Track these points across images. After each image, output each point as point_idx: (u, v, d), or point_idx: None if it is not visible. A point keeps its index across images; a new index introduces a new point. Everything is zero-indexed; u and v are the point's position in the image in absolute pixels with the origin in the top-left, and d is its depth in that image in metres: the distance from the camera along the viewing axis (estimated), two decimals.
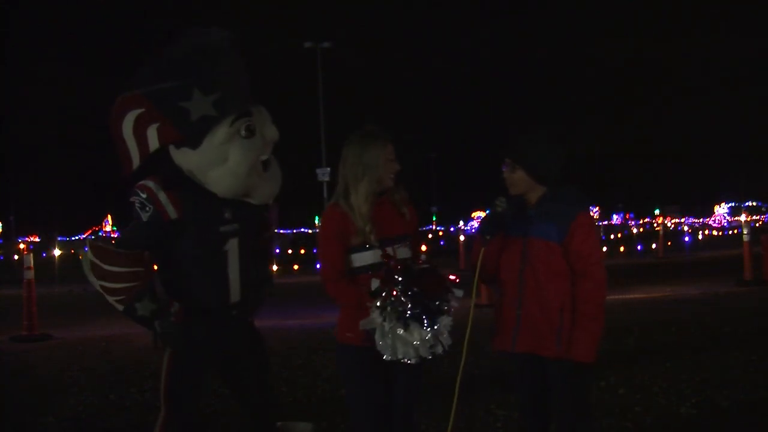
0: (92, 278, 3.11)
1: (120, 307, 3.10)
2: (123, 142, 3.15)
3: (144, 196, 3.10)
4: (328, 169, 29.68)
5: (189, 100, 3.06)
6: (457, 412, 3.19)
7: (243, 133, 3.16)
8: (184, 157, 3.20)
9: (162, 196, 3.10)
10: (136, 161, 3.17)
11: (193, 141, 3.14)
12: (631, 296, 11.43)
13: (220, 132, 3.12)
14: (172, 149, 3.23)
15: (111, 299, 3.11)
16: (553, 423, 3.26)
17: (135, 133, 3.13)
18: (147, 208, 3.08)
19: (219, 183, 3.17)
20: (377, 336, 2.94)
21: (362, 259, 3.10)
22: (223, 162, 3.15)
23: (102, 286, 3.10)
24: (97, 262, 3.08)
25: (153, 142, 3.14)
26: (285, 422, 3.54)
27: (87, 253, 3.10)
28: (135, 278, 3.08)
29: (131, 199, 3.14)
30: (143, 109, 3.10)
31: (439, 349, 2.97)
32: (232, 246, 3.23)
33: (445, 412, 2.91)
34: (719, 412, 4.93)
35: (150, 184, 3.12)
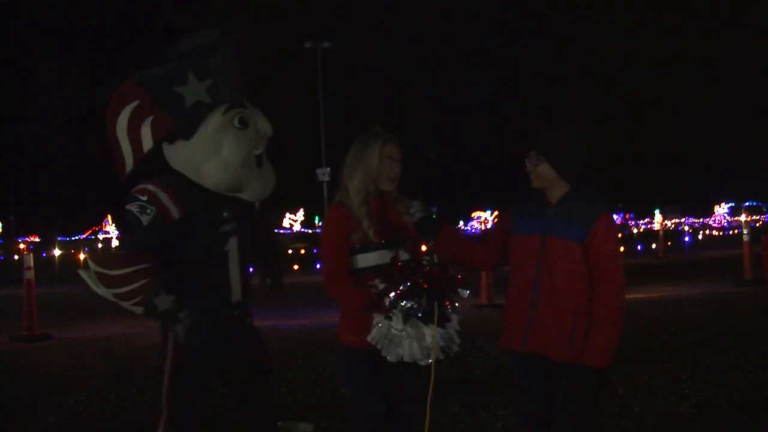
0: (102, 290, 2.95)
1: (139, 310, 2.94)
2: (117, 145, 3.11)
3: (144, 198, 3.02)
4: (328, 169, 29.65)
5: (184, 84, 3.06)
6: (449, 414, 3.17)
7: (236, 123, 3.14)
8: (177, 152, 3.16)
9: (164, 197, 3.04)
10: (129, 165, 3.11)
11: (187, 131, 3.11)
12: (631, 296, 11.42)
13: (214, 120, 3.10)
14: (165, 147, 3.19)
15: (127, 305, 2.94)
16: (553, 425, 3.20)
17: (129, 133, 3.08)
18: (148, 211, 3.00)
19: (212, 176, 3.12)
20: (383, 337, 2.88)
21: (367, 260, 3.06)
22: (216, 153, 3.11)
23: (114, 294, 2.94)
24: (102, 270, 2.94)
25: (147, 140, 3.08)
26: (285, 422, 3.54)
27: (89, 266, 2.96)
28: (144, 275, 2.93)
29: (128, 207, 3.03)
30: (138, 101, 3.06)
31: (455, 348, 2.92)
32: (232, 245, 3.22)
33: (446, 412, 2.91)
34: (719, 412, 4.93)
35: (149, 186, 3.06)
